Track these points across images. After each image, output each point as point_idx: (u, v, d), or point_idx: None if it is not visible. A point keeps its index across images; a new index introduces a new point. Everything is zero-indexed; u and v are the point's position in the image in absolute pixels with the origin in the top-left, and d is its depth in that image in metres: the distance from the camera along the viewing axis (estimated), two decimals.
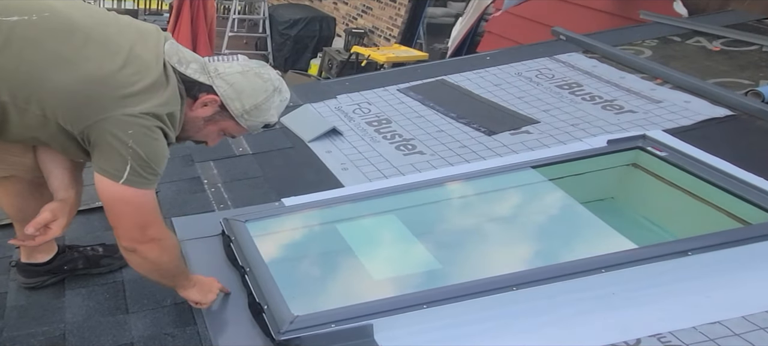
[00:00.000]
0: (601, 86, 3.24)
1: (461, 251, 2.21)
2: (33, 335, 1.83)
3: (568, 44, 3.88)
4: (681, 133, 2.58)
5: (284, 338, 1.65)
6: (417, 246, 2.12)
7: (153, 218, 1.64)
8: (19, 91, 1.47)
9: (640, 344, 1.58)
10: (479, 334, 1.67)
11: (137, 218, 1.60)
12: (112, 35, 1.56)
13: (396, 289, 1.81)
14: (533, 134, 2.82)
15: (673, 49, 3.79)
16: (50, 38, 1.50)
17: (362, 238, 2.21)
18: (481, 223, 2.34)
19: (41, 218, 1.65)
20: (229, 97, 1.66)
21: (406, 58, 7.07)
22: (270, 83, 1.70)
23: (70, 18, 1.54)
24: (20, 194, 1.83)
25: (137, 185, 1.54)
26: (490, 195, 2.44)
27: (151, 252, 1.65)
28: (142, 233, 1.61)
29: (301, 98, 3.39)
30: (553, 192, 2.36)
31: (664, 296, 1.71)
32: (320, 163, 2.73)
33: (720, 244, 1.80)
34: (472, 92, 3.37)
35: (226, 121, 1.72)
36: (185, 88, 1.64)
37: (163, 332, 1.82)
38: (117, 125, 1.48)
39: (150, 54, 1.58)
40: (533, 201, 2.40)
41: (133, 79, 1.51)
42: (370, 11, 9.95)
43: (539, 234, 2.26)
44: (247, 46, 10.58)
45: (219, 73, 1.67)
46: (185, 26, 6.99)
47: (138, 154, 1.50)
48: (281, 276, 1.90)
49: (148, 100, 1.52)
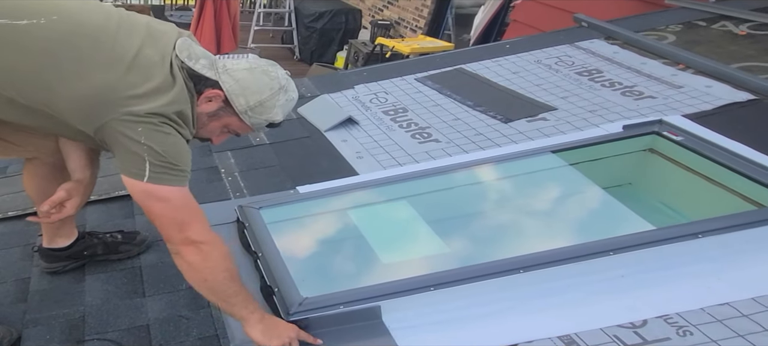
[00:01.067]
0: (621, 73, 3.20)
1: (472, 236, 2.21)
2: (54, 316, 1.89)
3: (590, 31, 3.84)
4: (700, 118, 2.55)
5: (294, 318, 1.68)
6: (428, 231, 2.13)
7: (189, 216, 1.61)
8: (31, 95, 1.51)
9: (646, 325, 1.57)
10: (486, 316, 1.67)
11: (171, 214, 1.58)
12: (121, 37, 1.57)
13: (405, 272, 1.82)
14: (550, 121, 2.80)
15: (697, 34, 3.72)
16: (58, 44, 1.52)
17: (374, 224, 2.23)
18: (494, 208, 2.34)
19: (56, 196, 1.71)
20: (234, 93, 1.66)
21: (431, 49, 7.01)
22: (276, 81, 1.70)
23: (80, 20, 1.57)
24: (43, 177, 1.90)
25: (162, 181, 1.54)
26: (504, 181, 2.44)
27: (193, 256, 1.58)
28: (179, 232, 1.57)
29: (319, 88, 3.42)
30: (569, 176, 2.35)
31: (673, 278, 1.70)
32: (336, 151, 2.76)
33: (731, 226, 1.77)
34: (489, 80, 3.36)
35: (230, 118, 1.73)
36: (193, 84, 1.65)
37: (178, 315, 1.87)
38: (125, 125, 1.50)
39: (157, 55, 1.59)
40: (547, 186, 2.39)
41: (138, 81, 1.53)
42: (397, 2, 9.92)
43: (553, 218, 2.25)
44: (272, 40, 10.64)
45: (226, 69, 1.68)
46: (208, 21, 7.05)
47: (153, 150, 1.51)
48: (292, 260, 1.94)
49: (153, 100, 1.53)
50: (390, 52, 7.34)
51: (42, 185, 1.91)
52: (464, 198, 2.38)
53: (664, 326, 1.57)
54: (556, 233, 2.15)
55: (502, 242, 2.12)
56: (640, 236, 1.81)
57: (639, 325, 1.58)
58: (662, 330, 1.55)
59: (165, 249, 2.11)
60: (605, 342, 1.54)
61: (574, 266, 1.73)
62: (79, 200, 1.75)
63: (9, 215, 2.39)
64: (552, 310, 1.66)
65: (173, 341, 1.78)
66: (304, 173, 2.58)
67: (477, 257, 1.89)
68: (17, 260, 2.17)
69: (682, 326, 1.56)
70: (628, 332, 1.56)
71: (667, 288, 1.67)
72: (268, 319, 1.65)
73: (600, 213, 2.22)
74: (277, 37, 10.84)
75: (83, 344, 1.78)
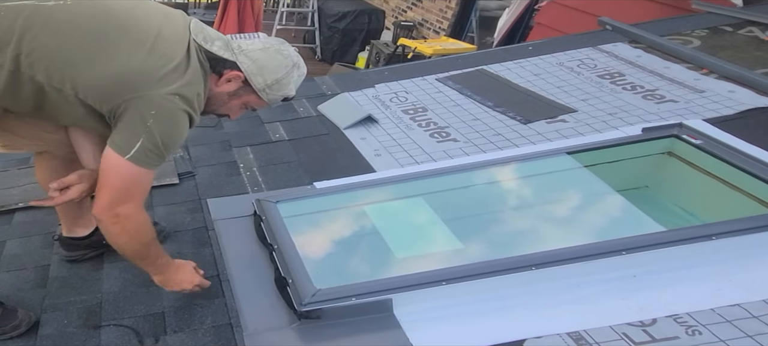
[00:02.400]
0: (643, 76, 3.17)
1: (486, 233, 2.21)
2: (72, 303, 1.94)
3: (614, 34, 3.81)
4: (721, 122, 2.52)
5: (306, 309, 1.71)
6: (442, 228, 2.14)
7: (133, 197, 1.66)
8: (55, 73, 1.56)
9: (655, 323, 1.57)
10: (497, 311, 1.68)
11: (119, 192, 1.63)
12: (141, 19, 1.64)
13: (418, 267, 1.83)
14: (569, 123, 2.79)
15: (723, 39, 3.67)
16: (85, 24, 1.58)
17: (388, 219, 2.24)
18: (509, 208, 2.34)
19: (67, 178, 1.76)
20: (253, 73, 1.75)
21: (453, 51, 6.99)
22: (289, 59, 1.80)
23: (103, 2, 1.63)
24: (55, 170, 1.94)
25: (140, 163, 1.60)
26: (520, 181, 2.44)
27: (113, 228, 1.67)
28: (111, 205, 1.63)
29: (339, 87, 3.45)
30: (585, 178, 2.34)
31: (685, 279, 1.69)
32: (354, 149, 2.78)
33: (745, 229, 1.76)
34: (511, 82, 3.35)
35: (249, 96, 1.82)
36: (210, 65, 1.72)
37: (193, 303, 1.89)
38: (142, 104, 1.56)
39: (175, 36, 1.65)
40: (562, 187, 2.38)
41: (159, 63, 1.59)
42: (420, 3, 9.91)
43: (567, 218, 2.24)
44: (294, 39, 10.67)
45: (242, 50, 1.75)
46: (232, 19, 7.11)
47: (152, 134, 1.57)
48: (307, 253, 1.96)
49: (173, 82, 1.59)
50: (412, 53, 7.34)
51: (53, 178, 1.95)
52: (479, 197, 2.38)
53: (673, 325, 1.56)
54: (567, 233, 2.14)
55: (514, 241, 2.13)
56: (653, 236, 1.81)
57: (648, 324, 1.57)
58: (671, 329, 1.55)
59: (182, 239, 2.18)
60: (614, 340, 1.54)
61: (586, 264, 1.73)
62: (86, 186, 1.77)
63: (31, 203, 2.43)
64: (562, 307, 1.66)
65: (188, 328, 1.81)
66: (321, 169, 2.61)
67: (490, 255, 1.89)
68: (38, 247, 2.22)
69: (691, 326, 1.55)
70: (637, 331, 1.56)
71: (677, 288, 1.67)
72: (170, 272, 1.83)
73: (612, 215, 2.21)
74: (299, 36, 10.89)
75: (100, 329, 1.82)
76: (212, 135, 2.94)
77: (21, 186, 2.58)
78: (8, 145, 1.90)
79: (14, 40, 1.51)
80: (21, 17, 1.52)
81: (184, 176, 2.57)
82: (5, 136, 1.83)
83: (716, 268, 1.71)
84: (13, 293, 1.98)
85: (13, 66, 1.53)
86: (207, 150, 2.82)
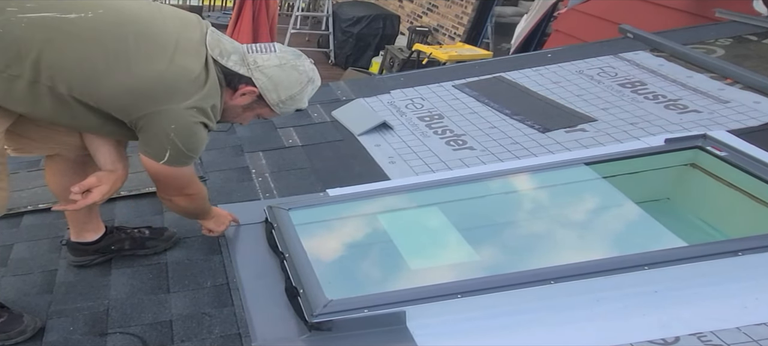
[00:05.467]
0: (665, 85, 3.10)
1: (502, 245, 2.16)
2: (78, 309, 1.91)
3: (635, 42, 3.74)
4: (746, 133, 2.44)
5: (317, 320, 1.67)
6: (458, 239, 2.08)
7: (188, 181, 1.86)
8: (77, 85, 1.56)
9: (678, 342, 1.51)
10: (513, 326, 1.63)
11: (176, 183, 1.82)
12: (159, 29, 1.65)
13: (432, 279, 1.78)
14: (589, 132, 2.73)
15: (747, 48, 3.59)
16: (106, 36, 1.58)
17: (403, 229, 2.19)
18: (526, 219, 2.28)
19: (87, 181, 1.75)
20: (267, 89, 1.78)
21: (469, 57, 6.95)
22: (305, 75, 1.82)
23: (122, 13, 1.62)
24: (65, 173, 1.93)
25: (176, 164, 1.72)
26: (539, 191, 2.38)
27: (183, 202, 1.90)
28: (178, 192, 1.86)
29: (354, 92, 3.41)
30: (605, 190, 2.28)
31: (709, 296, 1.63)
32: (368, 156, 2.74)
33: None
34: (529, 89, 3.30)
35: (263, 109, 1.86)
36: (225, 78, 1.75)
37: (201, 312, 1.86)
38: (163, 118, 1.62)
39: (193, 46, 1.67)
40: (583, 198, 2.32)
41: (179, 74, 1.62)
42: (436, 9, 9.88)
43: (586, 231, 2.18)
44: (309, 44, 10.68)
45: (258, 65, 1.76)
46: (247, 22, 7.10)
47: (176, 145, 1.66)
48: (319, 262, 1.92)
49: (192, 95, 1.63)
50: (427, 59, 7.29)
51: (63, 181, 1.94)
52: (496, 207, 2.32)
53: (697, 343, 1.50)
54: (585, 246, 2.08)
55: (532, 253, 2.07)
56: (676, 251, 1.75)
57: (671, 341, 1.52)
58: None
59: (192, 246, 2.14)
60: None
61: (606, 279, 1.68)
62: (107, 188, 1.76)
63: (40, 207, 2.43)
64: (581, 323, 1.61)
65: (195, 338, 1.77)
66: (335, 176, 2.56)
67: (506, 267, 1.84)
68: (45, 252, 2.20)
69: (716, 345, 1.49)
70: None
71: (701, 305, 1.61)
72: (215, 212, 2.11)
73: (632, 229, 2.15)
74: (313, 40, 10.90)
75: (106, 336, 1.79)
76: (224, 139, 2.91)
77: (30, 189, 2.56)
78: (20, 148, 1.88)
79: (34, 52, 1.51)
80: (42, 29, 1.52)
81: None
82: (17, 140, 1.82)
83: (742, 285, 1.64)
84: (19, 297, 1.96)
85: (32, 77, 1.53)
86: (219, 155, 2.79)
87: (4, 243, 2.24)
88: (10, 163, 1.81)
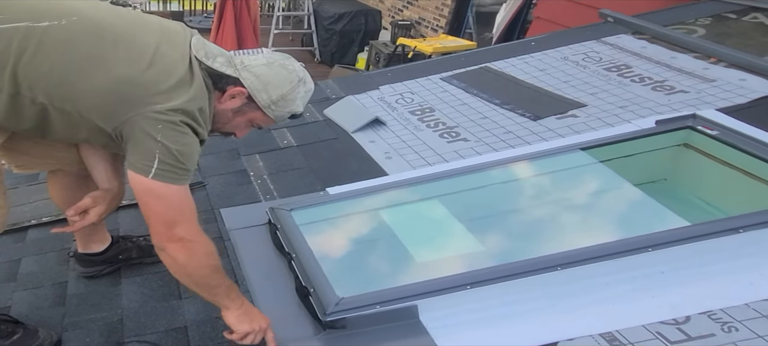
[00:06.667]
0: (651, 67, 3.15)
1: (506, 234, 2.19)
2: (92, 320, 1.91)
3: (616, 26, 3.79)
4: (735, 111, 2.49)
5: (331, 318, 1.68)
6: (461, 230, 2.11)
7: (181, 215, 1.61)
8: (55, 93, 1.52)
9: (689, 321, 1.54)
10: (526, 313, 1.66)
11: (165, 212, 1.58)
12: (139, 35, 1.60)
13: (440, 271, 1.81)
14: (580, 118, 2.77)
15: (728, 26, 3.66)
16: (81, 42, 1.53)
17: (406, 223, 2.22)
18: (527, 206, 2.31)
19: (82, 203, 1.74)
20: (256, 89, 1.71)
21: (453, 48, 6.97)
22: (295, 74, 1.75)
23: (98, 21, 1.58)
24: (68, 187, 1.93)
25: (166, 179, 1.55)
26: (537, 178, 2.41)
27: (179, 253, 1.59)
28: (168, 230, 1.58)
29: (344, 90, 3.43)
30: (603, 174, 2.32)
31: (714, 274, 1.67)
32: (364, 152, 2.76)
33: None
34: (516, 78, 3.33)
35: (254, 112, 1.77)
36: (213, 82, 1.68)
37: (214, 316, 1.86)
38: (146, 122, 1.51)
39: (175, 52, 1.61)
40: (582, 183, 2.35)
41: (160, 77, 1.55)
42: (416, 2, 9.89)
43: (588, 216, 2.22)
44: (293, 43, 10.66)
45: (245, 65, 1.71)
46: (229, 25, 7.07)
47: (166, 148, 1.52)
48: (326, 261, 1.94)
49: (175, 97, 1.55)
50: (412, 53, 7.31)
51: (67, 196, 1.94)
52: (497, 196, 2.36)
53: (708, 322, 1.54)
54: (590, 230, 2.12)
55: (536, 240, 2.10)
56: (679, 231, 1.78)
57: (682, 321, 1.55)
58: (706, 326, 1.52)
59: None
60: (648, 339, 1.52)
61: (613, 262, 1.71)
62: (104, 208, 1.77)
63: (43, 220, 2.42)
64: (592, 307, 1.64)
65: (211, 342, 1.78)
66: (333, 174, 2.58)
67: (512, 255, 1.87)
68: (53, 264, 2.20)
69: (726, 322, 1.53)
70: (672, 329, 1.53)
71: (708, 284, 1.64)
72: (247, 307, 1.71)
73: (635, 210, 2.19)
74: (297, 39, 10.86)
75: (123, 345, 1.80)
76: (220, 144, 2.91)
77: (32, 203, 2.56)
78: (22, 165, 1.88)
79: (11, 63, 1.47)
80: (16, 40, 1.48)
81: (195, 187, 2.54)
82: (19, 158, 1.82)
83: (746, 261, 1.69)
84: (31, 312, 1.96)
85: (12, 89, 1.49)
86: (215, 159, 2.80)
87: (11, 258, 2.24)
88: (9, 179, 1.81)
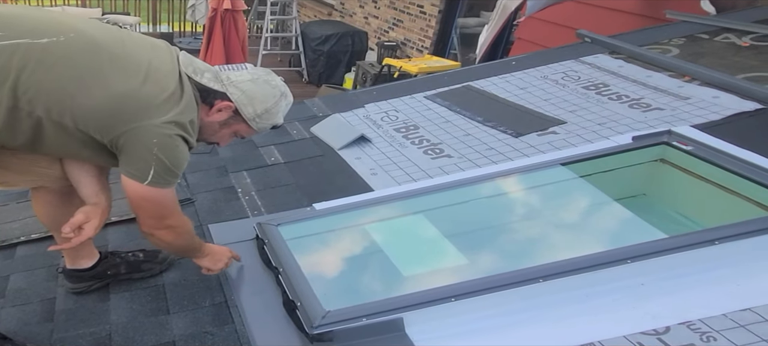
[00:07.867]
0: (627, 86, 3.24)
1: (490, 247, 2.24)
2: (81, 335, 1.92)
3: (593, 46, 3.88)
4: (709, 127, 2.57)
5: (318, 331, 1.71)
6: (445, 244, 2.16)
7: (170, 210, 1.81)
8: (54, 106, 1.59)
9: (669, 331, 1.58)
10: (509, 325, 1.69)
11: (157, 211, 1.78)
12: (131, 52, 1.70)
13: (426, 284, 1.84)
14: (560, 134, 2.83)
15: (701, 46, 3.76)
16: (79, 57, 1.62)
17: (392, 238, 2.26)
18: (510, 220, 2.37)
19: (76, 219, 1.76)
20: (243, 103, 1.84)
21: (438, 68, 7.05)
22: (277, 89, 1.89)
23: (94, 38, 1.66)
24: (51, 204, 1.96)
25: (159, 185, 1.70)
26: (519, 193, 2.47)
27: (167, 236, 1.83)
28: (159, 222, 1.80)
29: (330, 108, 3.47)
30: (584, 188, 2.38)
31: (692, 285, 1.71)
32: (350, 169, 2.80)
33: (747, 232, 1.79)
34: (498, 96, 3.40)
35: (239, 125, 1.90)
36: (200, 96, 1.80)
37: (203, 331, 1.89)
38: (144, 134, 1.63)
39: (166, 67, 1.72)
40: (564, 198, 2.41)
41: (155, 92, 1.65)
42: (401, 23, 10.01)
43: (569, 229, 2.28)
44: (281, 64, 10.72)
45: (231, 81, 1.84)
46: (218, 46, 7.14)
47: (161, 161, 1.66)
48: (313, 275, 1.97)
49: (169, 110, 1.66)
50: (398, 73, 7.39)
51: (51, 212, 1.98)
52: (480, 211, 2.41)
53: (687, 332, 1.58)
54: (571, 243, 2.17)
55: (519, 253, 2.15)
56: (658, 243, 1.83)
57: (662, 332, 1.59)
58: (686, 336, 1.56)
59: (188, 266, 2.17)
60: None
61: (594, 274, 1.75)
62: (97, 222, 1.80)
63: (32, 237, 2.43)
64: (574, 319, 1.68)
65: None
66: (319, 190, 2.62)
67: (496, 268, 1.91)
68: (42, 280, 2.21)
69: (705, 332, 1.56)
70: (652, 339, 1.57)
71: (687, 295, 1.69)
72: (213, 249, 2.06)
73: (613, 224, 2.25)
74: (285, 60, 10.94)
75: None
76: (208, 161, 2.94)
77: (21, 220, 2.56)
78: (3, 182, 1.89)
79: (11, 78, 1.53)
80: (16, 56, 1.54)
81: (184, 203, 2.56)
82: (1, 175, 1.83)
83: (722, 272, 1.73)
84: (20, 327, 1.97)
85: (11, 103, 1.55)
86: (204, 176, 2.82)
87: (0, 275, 2.24)
88: None
